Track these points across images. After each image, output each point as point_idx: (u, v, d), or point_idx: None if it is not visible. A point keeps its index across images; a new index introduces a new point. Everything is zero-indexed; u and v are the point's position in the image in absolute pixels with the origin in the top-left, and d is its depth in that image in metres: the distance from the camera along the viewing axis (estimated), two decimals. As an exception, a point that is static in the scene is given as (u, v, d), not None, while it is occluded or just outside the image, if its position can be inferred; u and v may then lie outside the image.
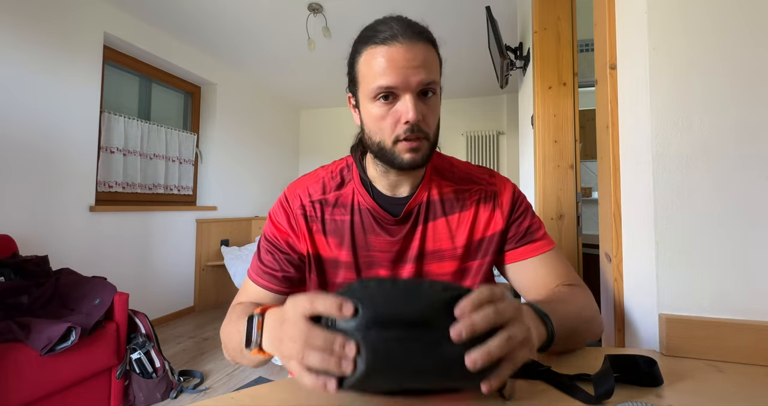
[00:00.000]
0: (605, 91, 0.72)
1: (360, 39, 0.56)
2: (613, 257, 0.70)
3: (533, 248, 0.63)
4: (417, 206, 0.63)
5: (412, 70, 0.51)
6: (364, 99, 0.56)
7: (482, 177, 0.67)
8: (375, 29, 0.54)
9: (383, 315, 0.33)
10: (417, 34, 0.53)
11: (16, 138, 1.95)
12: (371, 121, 0.56)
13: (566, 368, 0.46)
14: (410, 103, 0.52)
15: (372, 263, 0.63)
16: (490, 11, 1.74)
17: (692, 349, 0.52)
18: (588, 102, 2.36)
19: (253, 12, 2.57)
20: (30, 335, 1.35)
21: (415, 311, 0.33)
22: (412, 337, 0.33)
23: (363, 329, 0.33)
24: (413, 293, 0.34)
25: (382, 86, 0.52)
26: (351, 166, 0.68)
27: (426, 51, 0.53)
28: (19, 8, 1.97)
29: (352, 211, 0.64)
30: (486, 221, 0.64)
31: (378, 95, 0.53)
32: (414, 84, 0.52)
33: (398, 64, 0.51)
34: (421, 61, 0.52)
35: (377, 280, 0.36)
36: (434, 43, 0.56)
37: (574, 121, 1.52)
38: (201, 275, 3.22)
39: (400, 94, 0.53)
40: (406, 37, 0.52)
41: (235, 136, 3.71)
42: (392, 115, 0.54)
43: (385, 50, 0.52)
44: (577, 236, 1.51)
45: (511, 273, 0.65)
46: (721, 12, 0.54)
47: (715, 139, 0.54)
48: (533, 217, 0.66)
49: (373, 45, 0.53)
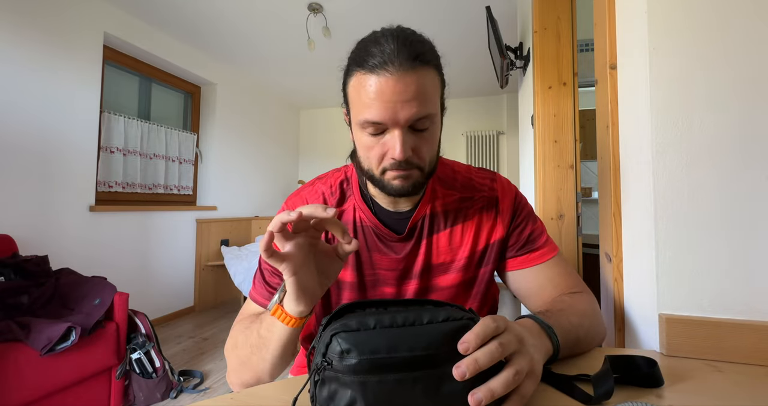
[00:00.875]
0: (605, 91, 0.72)
1: (352, 57, 0.51)
2: (613, 257, 0.70)
3: (535, 257, 0.62)
4: (420, 219, 0.61)
5: (402, 104, 0.46)
6: (354, 124, 0.53)
7: (484, 183, 0.65)
8: (366, 50, 0.47)
9: (382, 360, 0.32)
10: (412, 59, 0.46)
11: (16, 138, 1.95)
12: (361, 148, 0.53)
13: (566, 368, 0.46)
14: (398, 140, 0.48)
15: (377, 281, 0.62)
16: (490, 11, 1.74)
17: (692, 349, 0.52)
18: (588, 102, 2.36)
19: (253, 12, 2.57)
20: (30, 334, 1.35)
21: (415, 352, 0.32)
22: (413, 378, 0.32)
23: (362, 373, 0.32)
24: (413, 333, 0.33)
25: (368, 120, 0.48)
26: (350, 180, 0.65)
27: (420, 79, 0.47)
28: (19, 8, 1.97)
29: (354, 229, 0.62)
30: (489, 229, 0.62)
31: (366, 127, 0.50)
32: (403, 120, 0.47)
33: (386, 97, 0.46)
34: (413, 94, 0.46)
35: (375, 318, 0.34)
36: (436, 65, 0.50)
37: (574, 121, 1.52)
38: (201, 275, 3.22)
39: (389, 128, 0.49)
40: (397, 65, 0.45)
41: (235, 136, 3.71)
42: (380, 147, 0.50)
43: (373, 80, 0.46)
44: (577, 236, 1.51)
45: (511, 280, 0.64)
46: (721, 11, 0.54)
47: (715, 139, 0.54)
48: (535, 223, 0.65)
49: (362, 71, 0.47)
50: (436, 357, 0.32)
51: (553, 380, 0.42)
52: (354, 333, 0.33)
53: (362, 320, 0.33)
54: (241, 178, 3.80)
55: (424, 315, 0.34)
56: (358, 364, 0.32)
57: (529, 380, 0.35)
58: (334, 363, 0.32)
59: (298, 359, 0.77)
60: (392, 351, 0.32)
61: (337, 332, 0.33)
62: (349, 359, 0.32)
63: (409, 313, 0.34)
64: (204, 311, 3.21)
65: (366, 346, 0.32)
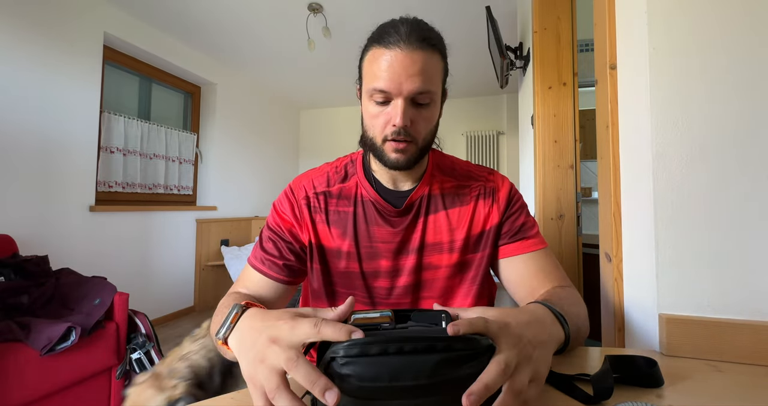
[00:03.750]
0: (605, 91, 0.72)
1: (371, 36, 0.57)
2: (613, 257, 0.70)
3: (526, 245, 0.64)
4: (419, 198, 0.65)
5: (407, 77, 0.52)
6: (364, 95, 0.58)
7: (481, 174, 0.70)
8: (384, 30, 0.55)
9: (384, 388, 0.31)
10: (421, 40, 0.53)
11: (16, 138, 1.95)
12: (367, 117, 0.58)
13: (566, 368, 0.46)
14: (400, 109, 0.54)
15: (374, 253, 0.64)
16: (490, 11, 1.74)
17: (692, 349, 0.52)
18: (588, 102, 2.36)
19: (253, 12, 2.57)
20: (30, 334, 1.35)
21: (419, 381, 0.31)
22: (414, 403, 0.31)
23: (361, 398, 0.31)
24: (420, 361, 0.31)
25: (376, 88, 0.54)
26: (355, 162, 0.70)
27: (426, 59, 0.53)
28: (19, 7, 1.97)
29: (355, 202, 0.66)
30: (485, 215, 0.66)
31: (373, 96, 0.55)
32: (406, 91, 0.53)
33: (394, 69, 0.52)
34: (417, 70, 0.52)
35: (379, 344, 0.31)
36: (441, 51, 0.57)
37: (574, 121, 1.52)
38: (201, 275, 3.22)
39: (393, 97, 0.54)
40: (408, 43, 0.52)
41: (235, 136, 3.71)
42: (384, 116, 0.56)
43: (386, 53, 0.53)
44: (577, 235, 1.51)
45: (502, 268, 0.66)
46: (721, 12, 0.54)
47: (715, 139, 0.54)
48: (528, 216, 0.68)
49: (378, 46, 0.54)
50: (442, 384, 0.31)
51: (552, 380, 0.42)
52: (355, 359, 0.31)
53: (365, 347, 0.31)
54: (241, 178, 3.80)
55: (438, 344, 0.32)
56: (358, 390, 0.31)
57: (519, 374, 0.33)
58: (334, 381, 0.31)
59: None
60: (395, 380, 0.30)
61: (337, 356, 0.31)
62: (349, 384, 0.31)
63: (420, 342, 0.31)
64: (204, 311, 3.21)
65: (367, 374, 0.31)
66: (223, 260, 3.26)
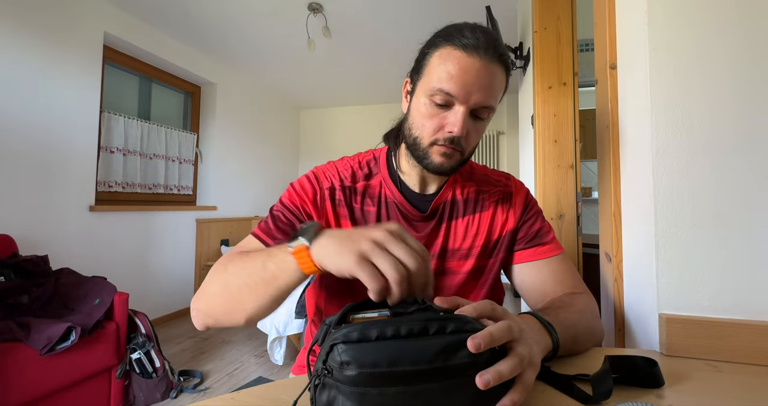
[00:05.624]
0: (605, 91, 0.72)
1: (443, 33, 0.54)
2: (613, 257, 0.70)
3: (542, 251, 0.63)
4: (443, 203, 0.64)
5: (478, 87, 0.51)
6: (420, 91, 0.56)
7: (499, 179, 0.69)
8: (462, 32, 0.52)
9: (383, 373, 0.31)
10: (498, 55, 0.52)
11: (16, 138, 1.95)
12: (418, 115, 0.56)
13: (565, 368, 0.46)
14: (460, 117, 0.52)
15: None
16: (490, 11, 1.74)
17: (692, 349, 0.52)
18: (588, 102, 2.36)
19: (253, 12, 2.57)
20: (30, 334, 1.35)
21: (418, 366, 0.31)
22: (414, 391, 0.31)
23: (361, 385, 0.31)
24: (417, 345, 0.32)
25: (443, 90, 0.52)
26: (378, 160, 0.67)
27: (499, 75, 0.53)
28: (19, 7, 1.97)
29: (379, 203, 0.64)
30: (502, 221, 0.65)
31: (435, 95, 0.53)
32: (473, 101, 0.52)
33: (468, 75, 0.51)
34: (489, 83, 0.51)
35: (378, 327, 0.32)
36: (509, 70, 0.56)
37: (574, 121, 1.52)
38: (201, 275, 3.21)
39: (456, 103, 0.52)
40: (487, 54, 0.51)
41: (235, 136, 3.71)
42: (439, 119, 0.54)
43: (463, 57, 0.51)
44: (577, 235, 1.51)
45: (516, 274, 0.65)
46: (721, 11, 0.54)
47: (715, 139, 0.54)
48: (543, 221, 0.67)
49: (454, 46, 0.52)
50: (440, 371, 0.31)
51: (552, 380, 0.42)
52: (354, 345, 0.31)
53: (364, 331, 0.32)
54: (241, 178, 3.80)
55: (431, 326, 0.33)
56: (358, 377, 0.31)
57: (530, 369, 0.35)
58: (333, 372, 0.32)
59: (299, 359, 0.77)
60: (393, 365, 0.31)
61: (337, 343, 0.32)
62: (349, 371, 0.31)
63: (415, 324, 0.33)
64: (204, 311, 3.21)
65: (366, 359, 0.31)
66: (223, 259, 3.25)
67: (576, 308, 0.54)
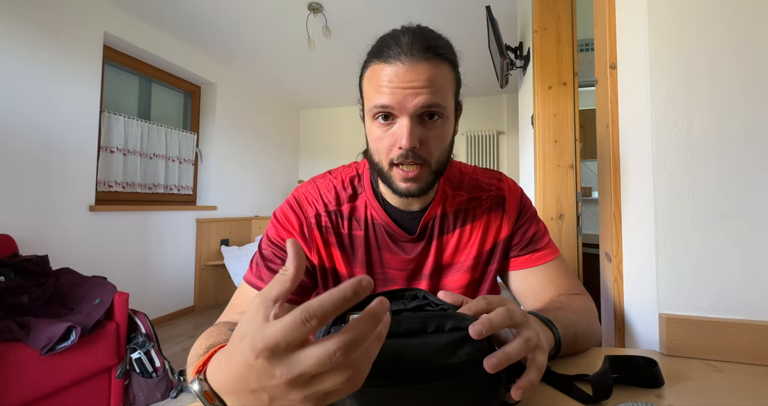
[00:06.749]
0: (605, 91, 0.72)
1: (371, 51, 0.53)
2: (613, 256, 0.70)
3: (537, 257, 0.62)
4: (431, 220, 0.62)
5: (411, 91, 0.47)
6: (366, 116, 0.54)
7: (491, 183, 0.66)
8: (383, 43, 0.50)
9: (384, 372, 0.30)
10: (425, 50, 0.48)
11: (16, 138, 1.95)
12: (371, 140, 0.53)
13: (565, 368, 0.46)
14: (405, 128, 0.48)
15: (386, 279, 0.62)
16: (490, 11, 1.74)
17: (692, 349, 0.52)
18: (588, 102, 2.36)
19: (253, 12, 2.57)
20: (30, 334, 1.35)
21: (417, 364, 0.31)
22: (413, 389, 0.31)
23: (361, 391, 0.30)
24: (416, 343, 0.31)
25: (377, 106, 0.49)
26: (362, 176, 0.65)
27: (432, 70, 0.48)
28: (19, 7, 1.97)
29: (366, 226, 0.61)
30: (496, 228, 0.63)
31: (376, 115, 0.50)
32: (411, 107, 0.48)
33: (396, 84, 0.48)
34: (423, 83, 0.47)
35: None
36: (451, 60, 0.52)
37: (574, 121, 1.52)
38: (201, 275, 3.22)
39: (398, 116, 0.49)
40: (412, 55, 0.47)
41: (235, 136, 3.71)
42: (389, 137, 0.51)
43: (385, 67, 0.48)
44: (577, 235, 1.51)
45: (512, 280, 0.64)
46: (721, 11, 0.54)
47: (715, 139, 0.54)
48: (538, 223, 0.66)
49: (377, 61, 0.50)
50: (440, 369, 0.31)
51: (552, 380, 0.42)
52: None
53: None
54: (241, 178, 3.80)
55: (430, 324, 0.32)
56: None
57: (539, 351, 0.35)
58: None
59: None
60: (393, 364, 0.31)
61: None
62: None
63: (414, 322, 0.32)
64: (204, 310, 3.21)
65: None
66: (223, 259, 3.25)
67: (575, 309, 0.54)
